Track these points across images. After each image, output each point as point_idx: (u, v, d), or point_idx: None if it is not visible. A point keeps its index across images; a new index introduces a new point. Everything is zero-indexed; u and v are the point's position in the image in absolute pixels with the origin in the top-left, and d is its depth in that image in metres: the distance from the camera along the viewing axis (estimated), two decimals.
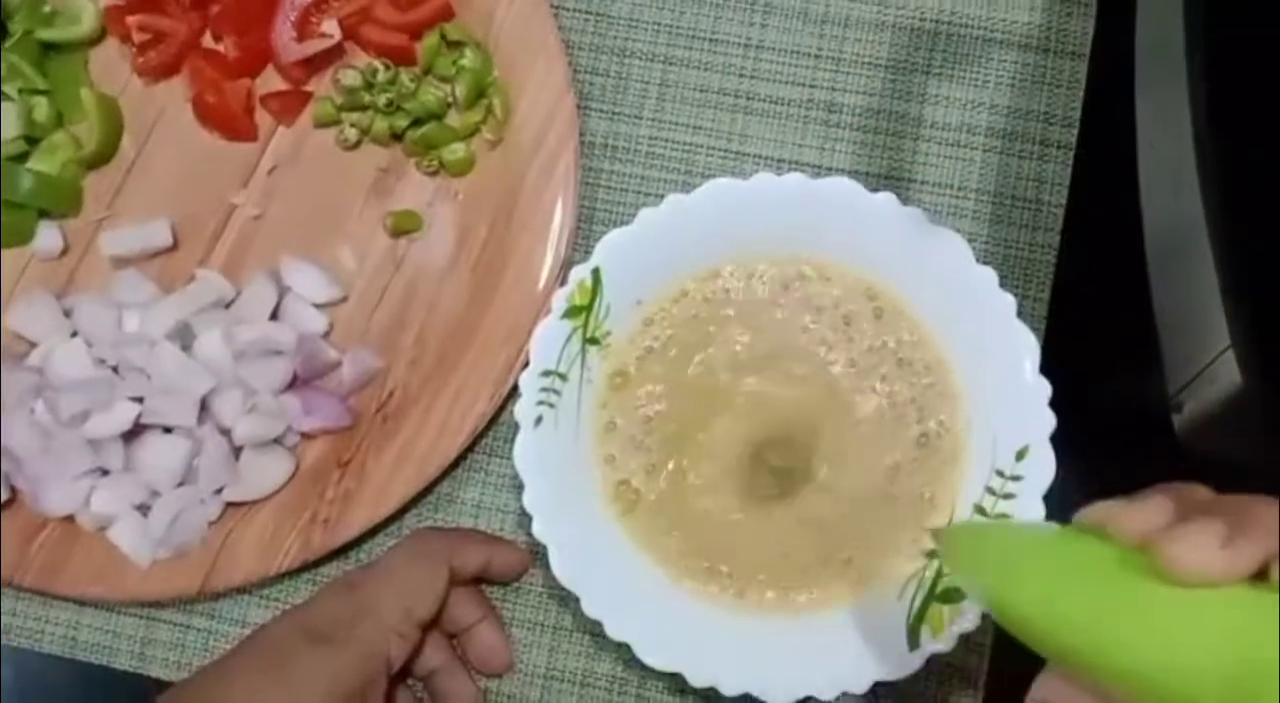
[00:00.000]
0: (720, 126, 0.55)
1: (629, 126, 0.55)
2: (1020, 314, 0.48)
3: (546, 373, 0.48)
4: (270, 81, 0.56)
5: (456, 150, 0.53)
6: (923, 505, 0.48)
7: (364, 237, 0.54)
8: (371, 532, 0.52)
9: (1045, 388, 0.47)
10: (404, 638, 0.47)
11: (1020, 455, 0.47)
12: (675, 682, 0.50)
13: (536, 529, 0.46)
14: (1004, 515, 0.47)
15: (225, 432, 0.51)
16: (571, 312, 0.49)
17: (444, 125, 0.54)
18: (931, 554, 0.48)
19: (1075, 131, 0.54)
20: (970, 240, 0.53)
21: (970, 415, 0.49)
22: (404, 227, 0.54)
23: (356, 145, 0.55)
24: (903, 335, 0.49)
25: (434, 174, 0.54)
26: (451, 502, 0.53)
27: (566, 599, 0.52)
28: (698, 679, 0.46)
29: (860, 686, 0.46)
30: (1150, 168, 0.48)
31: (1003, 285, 0.48)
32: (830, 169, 0.54)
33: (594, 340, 0.49)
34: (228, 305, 0.53)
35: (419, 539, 0.51)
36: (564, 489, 0.47)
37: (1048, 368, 0.50)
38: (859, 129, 0.54)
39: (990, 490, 0.48)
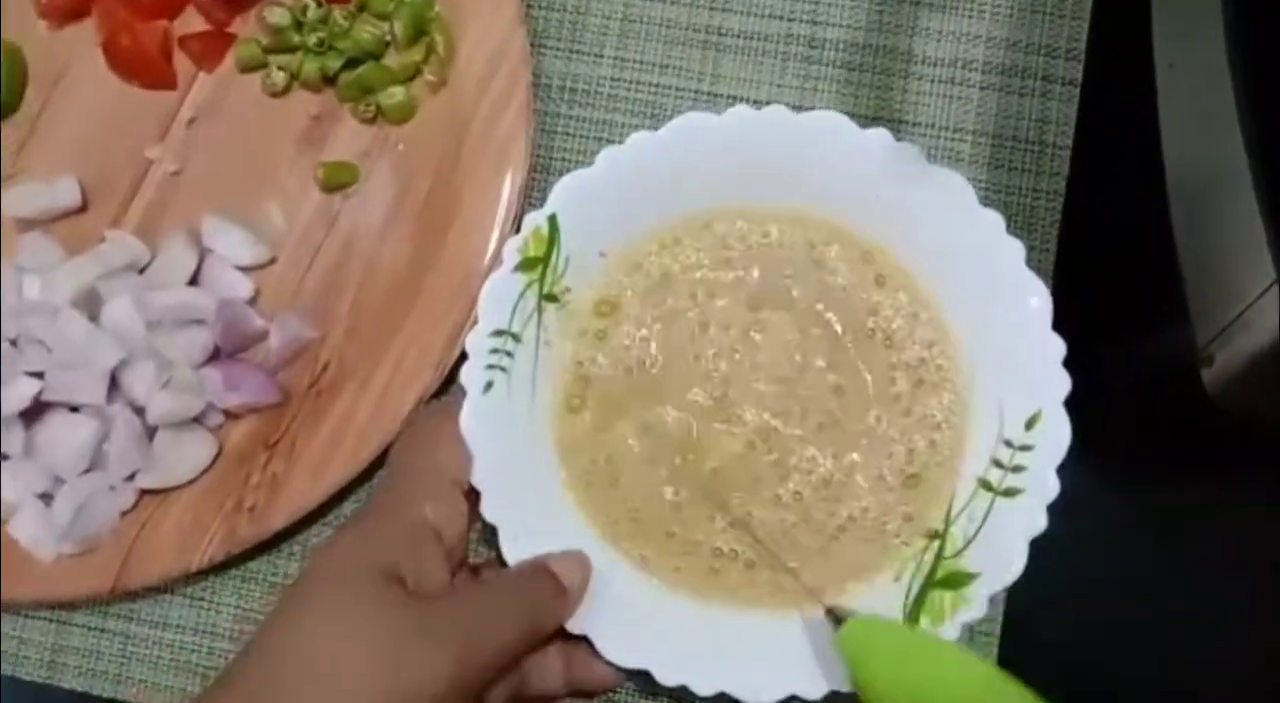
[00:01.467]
0: (689, 65, 0.49)
1: (588, 67, 0.49)
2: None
3: (498, 333, 0.43)
4: (190, 22, 0.50)
5: (395, 94, 0.48)
6: (923, 483, 0.43)
7: (294, 192, 0.49)
8: (307, 521, 0.47)
9: (1058, 347, 0.42)
10: (442, 502, 0.39)
11: (1030, 423, 0.42)
12: (645, 683, 0.44)
13: (485, 508, 0.41)
14: (1014, 490, 0.42)
15: (138, 410, 0.46)
16: (526, 264, 0.43)
17: (381, 66, 0.48)
18: (933, 535, 0.43)
19: (1081, 65, 0.48)
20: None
21: (974, 381, 0.43)
22: (338, 180, 0.48)
23: (285, 91, 0.49)
24: (900, 296, 0.44)
25: (371, 121, 0.49)
26: None
27: None
28: (667, 679, 0.41)
29: (845, 683, 0.41)
30: (1171, 97, 0.43)
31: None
32: (813, 110, 0.49)
33: (552, 297, 0.44)
34: (142, 270, 0.48)
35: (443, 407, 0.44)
36: (516, 463, 0.42)
37: (1056, 325, 0.45)
38: (843, 66, 0.49)
39: (997, 463, 0.42)
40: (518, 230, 0.47)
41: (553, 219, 0.43)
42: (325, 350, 0.48)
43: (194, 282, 0.48)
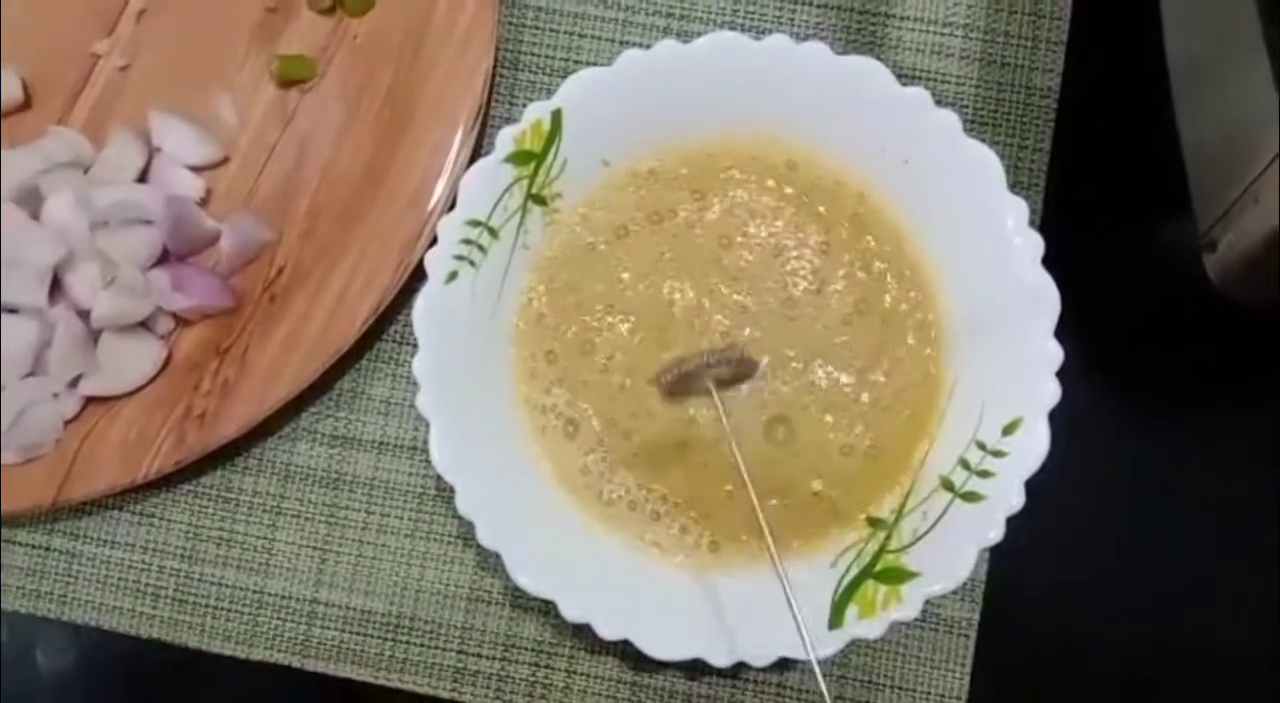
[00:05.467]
0: None
1: None
2: (1017, 169, 0.40)
3: (474, 223, 0.40)
4: None
5: None
6: (875, 465, 0.41)
7: (248, 89, 0.46)
8: (262, 433, 0.45)
9: (1056, 355, 0.38)
10: None
11: (1009, 429, 0.39)
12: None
13: (421, 402, 0.39)
14: (975, 495, 0.39)
15: (81, 313, 0.43)
16: (518, 157, 0.40)
17: None
18: (875, 523, 0.40)
19: None
20: (958, 84, 0.46)
21: (960, 370, 0.40)
22: (294, 74, 0.46)
23: None
24: (911, 294, 0.41)
25: (329, 12, 0.46)
26: (356, 398, 0.45)
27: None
28: (571, 614, 0.39)
29: (760, 658, 0.39)
30: None
31: (995, 138, 0.40)
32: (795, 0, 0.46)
33: (540, 199, 0.41)
34: (86, 171, 0.45)
35: None
36: (465, 363, 0.40)
37: (1052, 227, 0.42)
38: None
39: (964, 464, 0.39)
40: (482, 128, 0.45)
41: (556, 114, 0.41)
42: (280, 254, 0.45)
43: (142, 181, 0.45)
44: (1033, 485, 0.39)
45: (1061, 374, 0.39)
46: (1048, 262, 0.39)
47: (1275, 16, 0.33)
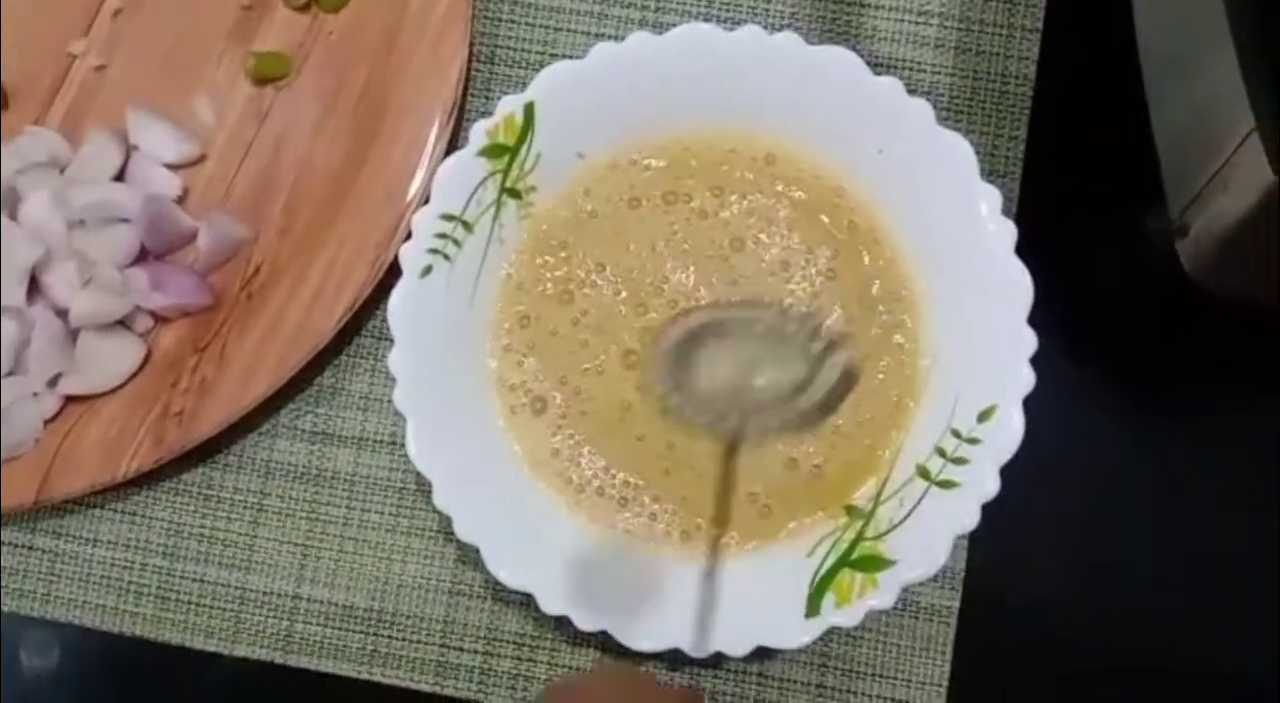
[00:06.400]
0: None
1: None
2: (993, 158, 0.40)
3: (449, 217, 0.40)
4: None
5: None
6: (817, 484, 0.41)
7: (224, 86, 0.46)
8: (242, 429, 0.45)
9: (1030, 341, 0.38)
10: None
11: (983, 417, 0.39)
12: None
13: (398, 396, 0.39)
14: (951, 483, 0.39)
15: (60, 313, 0.43)
16: (492, 150, 0.41)
17: None
18: (852, 511, 0.40)
19: None
20: (933, 72, 0.46)
21: (934, 360, 0.41)
22: (269, 72, 0.46)
23: None
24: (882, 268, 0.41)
25: (305, 9, 0.46)
26: (335, 394, 0.45)
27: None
28: (550, 607, 0.39)
29: (737, 649, 0.39)
30: None
31: (971, 127, 0.40)
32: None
33: (515, 193, 0.41)
34: (63, 171, 0.45)
35: None
36: (442, 357, 0.40)
37: (1028, 215, 0.42)
38: None
39: (940, 452, 0.39)
40: (458, 123, 0.45)
41: (529, 107, 0.41)
42: (258, 252, 0.45)
43: (119, 180, 0.45)
44: (1011, 473, 0.39)
45: (1036, 361, 0.39)
46: (1024, 249, 0.39)
47: (1240, 3, 0.33)
